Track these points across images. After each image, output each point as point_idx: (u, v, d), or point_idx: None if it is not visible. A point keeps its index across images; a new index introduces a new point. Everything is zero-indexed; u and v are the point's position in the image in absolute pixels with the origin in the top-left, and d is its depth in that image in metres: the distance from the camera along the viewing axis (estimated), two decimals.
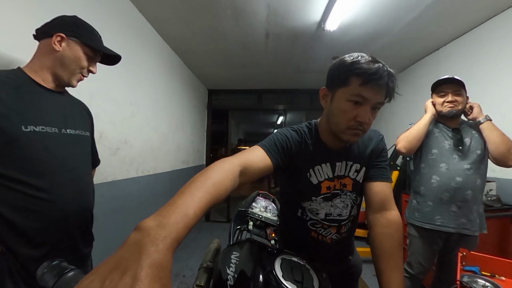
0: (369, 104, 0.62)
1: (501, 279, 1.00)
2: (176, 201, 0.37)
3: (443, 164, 1.33)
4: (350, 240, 0.88)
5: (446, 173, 1.32)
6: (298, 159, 0.72)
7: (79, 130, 0.86)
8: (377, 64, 0.60)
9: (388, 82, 0.60)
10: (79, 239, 0.83)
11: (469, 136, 1.33)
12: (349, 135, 0.66)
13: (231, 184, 0.49)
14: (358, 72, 0.60)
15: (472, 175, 1.28)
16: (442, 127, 1.40)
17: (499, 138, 1.23)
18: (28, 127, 0.70)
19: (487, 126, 1.27)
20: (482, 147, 1.29)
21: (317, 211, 0.76)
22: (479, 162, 1.30)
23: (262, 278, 0.52)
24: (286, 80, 3.67)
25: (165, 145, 2.47)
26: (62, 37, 0.77)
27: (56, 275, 0.35)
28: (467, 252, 1.09)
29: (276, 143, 0.68)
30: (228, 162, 0.53)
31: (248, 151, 0.64)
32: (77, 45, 0.79)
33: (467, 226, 1.29)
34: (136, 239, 0.30)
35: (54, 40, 0.76)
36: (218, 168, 0.49)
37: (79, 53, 0.80)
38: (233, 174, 0.51)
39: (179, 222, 0.33)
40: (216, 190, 0.43)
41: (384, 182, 0.74)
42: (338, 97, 0.65)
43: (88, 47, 0.81)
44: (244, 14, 1.96)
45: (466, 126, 1.37)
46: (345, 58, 0.65)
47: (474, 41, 2.08)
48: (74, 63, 0.80)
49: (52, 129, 0.76)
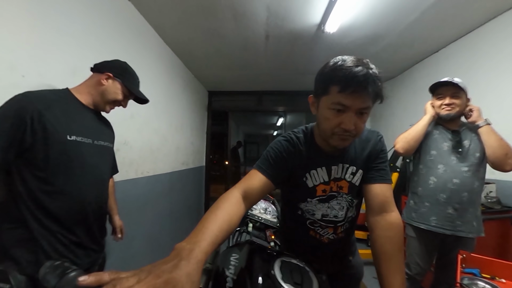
0: (352, 111, 0.60)
1: (501, 281, 1.00)
2: (199, 227, 0.48)
3: (440, 166, 1.34)
4: (349, 241, 0.88)
5: (443, 174, 1.33)
6: (294, 166, 0.74)
7: (106, 142, 1.05)
8: (357, 68, 0.57)
9: (368, 87, 0.56)
10: (97, 225, 1.00)
11: (469, 139, 1.33)
12: (337, 140, 0.66)
13: (238, 208, 0.59)
14: (335, 80, 0.59)
15: (470, 178, 1.29)
16: (442, 129, 1.40)
17: (496, 143, 1.23)
18: (72, 137, 0.88)
19: (486, 130, 1.27)
20: (481, 150, 1.29)
21: (313, 211, 0.78)
22: (477, 165, 1.29)
23: (261, 280, 0.52)
24: (286, 82, 3.67)
25: (165, 146, 2.47)
26: (110, 76, 0.99)
27: (59, 275, 0.36)
28: (467, 254, 1.09)
29: (270, 160, 0.72)
30: (231, 193, 0.62)
31: (247, 177, 0.70)
32: (119, 84, 1.02)
33: (462, 228, 1.29)
34: (172, 255, 0.39)
35: (103, 77, 0.98)
36: (224, 200, 0.59)
37: (118, 90, 1.02)
38: (237, 201, 0.61)
39: (203, 240, 0.44)
40: (228, 215, 0.55)
41: (384, 184, 0.74)
42: (322, 106, 0.66)
43: (126, 88, 1.04)
44: (244, 16, 1.97)
45: (467, 129, 1.36)
46: (327, 64, 0.64)
47: (474, 43, 2.08)
48: (112, 96, 1.01)
49: (87, 140, 0.94)
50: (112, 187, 1.24)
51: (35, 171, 0.82)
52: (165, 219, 2.50)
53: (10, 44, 0.97)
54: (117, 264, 1.63)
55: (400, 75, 3.15)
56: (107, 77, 0.98)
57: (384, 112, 3.59)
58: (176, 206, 2.79)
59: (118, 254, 1.63)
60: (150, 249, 2.14)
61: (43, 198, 0.83)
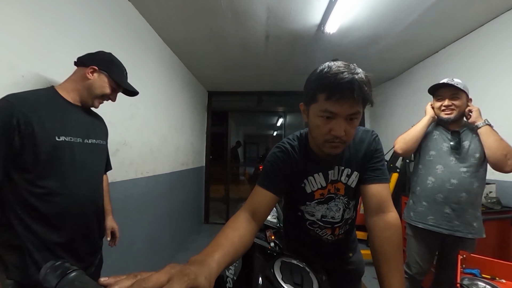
0: (341, 117, 0.60)
1: (502, 281, 1.00)
2: (210, 244, 0.52)
3: (439, 166, 1.35)
4: (348, 240, 0.90)
5: (441, 174, 1.33)
6: (292, 175, 0.76)
7: (98, 140, 1.03)
8: (342, 75, 0.56)
9: (353, 93, 0.56)
10: (93, 225, 0.99)
11: (469, 139, 1.32)
12: (328, 148, 0.66)
13: (247, 225, 0.63)
14: (321, 88, 0.60)
15: (469, 178, 1.28)
16: (442, 129, 1.40)
17: (495, 143, 1.22)
18: (60, 137, 0.86)
19: (485, 131, 1.26)
20: (481, 151, 1.28)
21: (313, 212, 0.81)
22: (477, 165, 1.29)
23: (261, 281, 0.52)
24: (286, 82, 3.67)
25: (165, 147, 2.47)
26: (95, 69, 0.95)
27: (59, 275, 0.36)
28: (467, 255, 1.09)
29: (270, 175, 0.74)
30: (239, 215, 0.65)
31: (252, 196, 0.73)
32: (105, 77, 0.98)
33: (460, 229, 1.29)
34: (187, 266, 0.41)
35: (88, 71, 0.94)
36: (233, 221, 0.63)
37: (105, 84, 0.98)
38: (246, 219, 0.64)
39: (214, 252, 0.48)
40: (237, 230, 0.59)
41: (380, 184, 0.73)
42: (311, 114, 0.66)
43: (114, 81, 1.00)
44: (244, 17, 1.97)
45: (468, 129, 1.35)
46: (315, 72, 0.64)
47: (474, 43, 2.08)
48: (99, 90, 0.97)
49: (77, 139, 0.92)
50: (106, 186, 1.20)
51: (24, 174, 0.80)
52: (165, 219, 2.50)
53: (10, 44, 0.97)
54: (117, 264, 1.63)
55: (400, 75, 3.15)
56: (92, 70, 0.94)
57: (384, 112, 3.59)
58: (176, 206, 2.79)
59: (117, 254, 1.63)
60: (150, 249, 2.14)
61: (33, 201, 0.81)
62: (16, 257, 0.80)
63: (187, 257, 2.12)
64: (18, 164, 0.80)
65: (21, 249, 0.80)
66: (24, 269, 0.80)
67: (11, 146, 0.77)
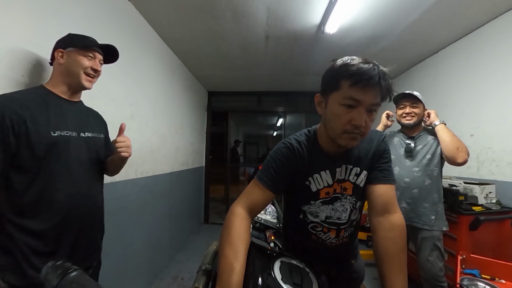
0: (363, 106, 0.60)
1: (501, 282, 1.00)
2: (221, 252, 0.56)
3: (397, 168, 1.56)
4: (352, 245, 0.87)
5: (397, 175, 1.51)
6: (296, 172, 0.74)
7: (95, 133, 1.03)
8: (367, 64, 0.59)
9: (380, 81, 0.58)
10: (92, 224, 0.99)
11: (423, 143, 1.53)
12: (346, 139, 0.65)
13: (247, 225, 0.65)
14: (347, 74, 0.60)
15: (420, 177, 1.48)
16: (402, 135, 1.62)
17: (449, 138, 1.41)
18: (56, 132, 0.86)
19: (440, 128, 1.45)
20: (432, 152, 1.48)
21: (317, 213, 0.77)
22: (427, 165, 1.48)
23: (261, 281, 0.52)
24: (285, 82, 3.67)
25: (164, 147, 2.47)
26: (61, 51, 0.93)
27: (60, 275, 0.36)
28: (467, 255, 1.09)
29: (271, 171, 0.72)
30: (237, 212, 0.67)
31: (249, 190, 0.73)
32: (74, 52, 0.94)
33: (416, 220, 1.49)
34: None
35: (57, 57, 0.93)
36: (234, 225, 0.63)
37: (77, 57, 0.94)
38: (244, 218, 0.66)
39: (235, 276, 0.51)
40: (242, 239, 0.60)
41: (387, 185, 0.73)
42: (331, 102, 0.65)
43: (83, 49, 0.95)
44: (244, 17, 1.97)
45: (425, 134, 1.56)
46: (336, 63, 0.64)
47: (473, 44, 2.09)
48: (76, 67, 0.94)
49: (73, 133, 0.92)
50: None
51: (21, 172, 0.80)
52: (165, 219, 2.50)
53: (10, 44, 0.97)
54: (117, 264, 1.63)
55: (400, 75, 3.16)
56: (60, 54, 0.93)
57: (380, 112, 3.59)
58: (176, 206, 2.79)
59: (117, 254, 1.63)
60: (149, 249, 2.14)
61: (27, 201, 0.80)
62: (10, 260, 0.79)
63: (186, 257, 2.13)
64: (15, 163, 0.79)
65: (14, 252, 0.79)
66: (19, 272, 0.79)
67: (8, 147, 0.77)
